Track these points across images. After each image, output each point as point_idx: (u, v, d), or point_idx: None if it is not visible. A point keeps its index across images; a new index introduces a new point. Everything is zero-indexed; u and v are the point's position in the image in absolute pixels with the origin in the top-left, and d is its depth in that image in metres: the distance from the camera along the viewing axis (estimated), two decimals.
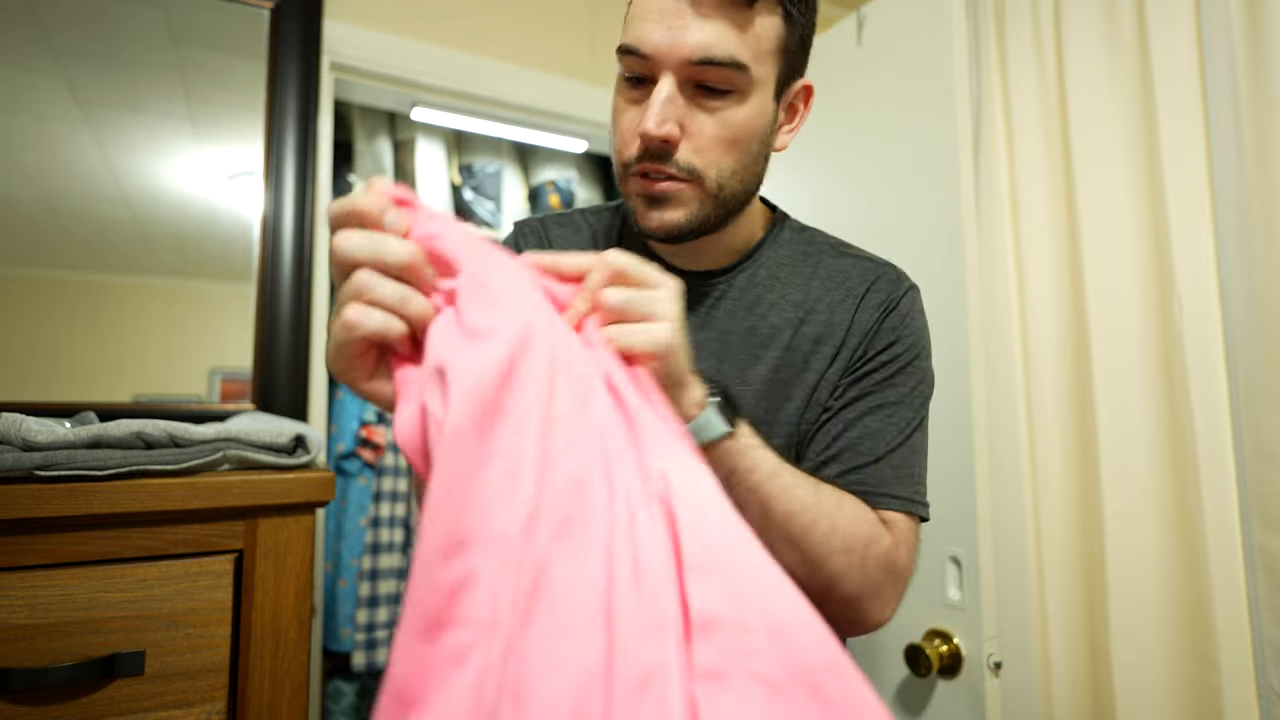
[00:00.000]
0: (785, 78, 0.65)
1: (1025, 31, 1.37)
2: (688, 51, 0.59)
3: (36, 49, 1.16)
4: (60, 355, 1.14)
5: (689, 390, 0.52)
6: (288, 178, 1.31)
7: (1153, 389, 1.18)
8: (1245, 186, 1.07)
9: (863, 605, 0.61)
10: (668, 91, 0.60)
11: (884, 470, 0.65)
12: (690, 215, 0.64)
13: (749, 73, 0.60)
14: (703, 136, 0.62)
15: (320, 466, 0.86)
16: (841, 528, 0.59)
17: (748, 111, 0.62)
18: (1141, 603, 1.15)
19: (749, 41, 0.60)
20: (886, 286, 0.71)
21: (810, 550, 0.57)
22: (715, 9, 0.59)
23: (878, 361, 0.68)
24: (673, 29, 0.59)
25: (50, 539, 0.71)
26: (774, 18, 0.61)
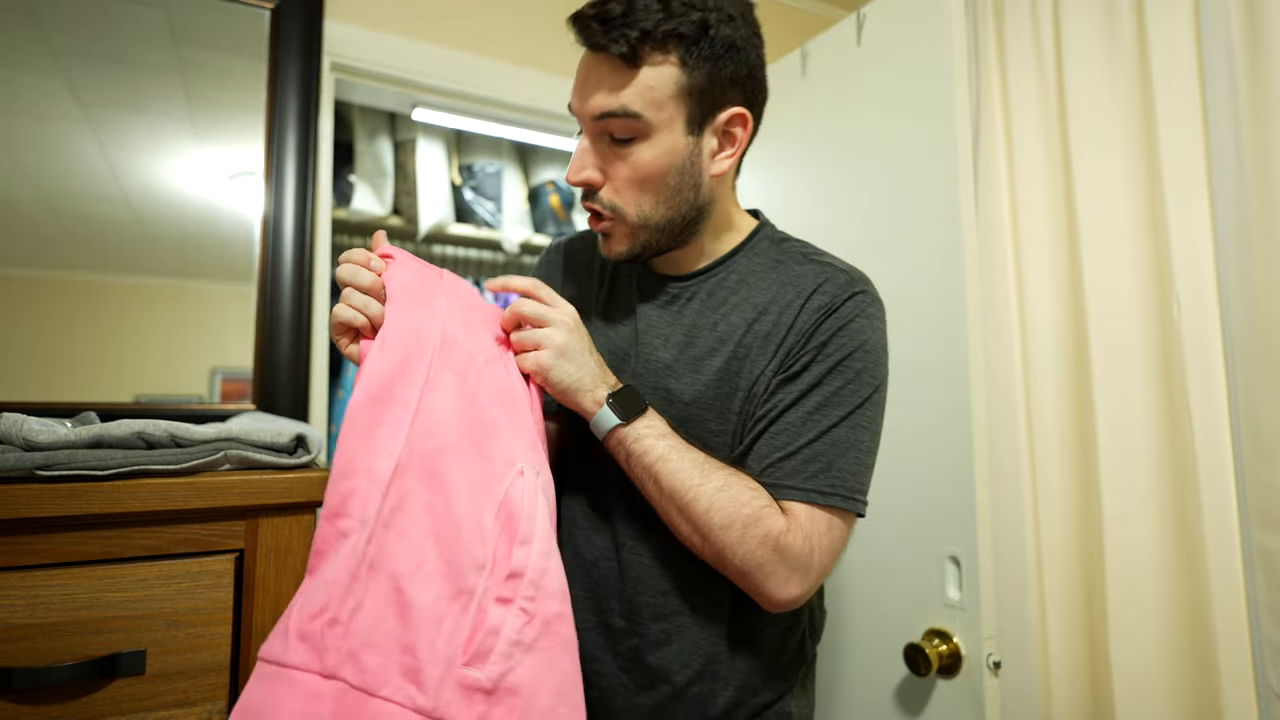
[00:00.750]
0: (699, 114, 0.72)
1: (1024, 31, 1.37)
2: (592, 110, 0.72)
3: (37, 49, 1.16)
4: (61, 355, 1.14)
5: (587, 394, 0.71)
6: (288, 178, 1.31)
7: (1152, 388, 1.18)
8: (1244, 185, 1.07)
9: (754, 579, 0.69)
10: (584, 144, 0.75)
11: (792, 464, 0.71)
12: (628, 247, 0.77)
13: (645, 119, 0.70)
14: (619, 179, 0.74)
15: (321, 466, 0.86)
16: (720, 506, 0.68)
17: (655, 151, 0.72)
18: (1140, 602, 1.15)
19: (641, 93, 0.70)
20: (832, 289, 0.76)
21: (695, 522, 0.69)
22: (608, 72, 0.70)
23: (807, 361, 0.73)
24: (583, 93, 0.73)
25: (51, 539, 0.71)
26: (667, 68, 0.70)
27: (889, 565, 1.17)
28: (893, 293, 1.19)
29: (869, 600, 1.20)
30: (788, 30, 2.03)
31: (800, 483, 0.71)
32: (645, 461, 0.70)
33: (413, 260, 0.75)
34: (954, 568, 1.07)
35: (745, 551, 0.68)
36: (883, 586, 1.18)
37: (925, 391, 1.13)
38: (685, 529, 0.70)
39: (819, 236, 1.35)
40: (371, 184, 1.87)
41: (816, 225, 1.36)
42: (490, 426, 0.67)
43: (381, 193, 1.89)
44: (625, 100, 0.70)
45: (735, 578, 0.70)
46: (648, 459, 0.70)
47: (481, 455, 0.66)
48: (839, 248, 1.30)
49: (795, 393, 0.73)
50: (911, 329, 1.15)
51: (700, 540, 0.70)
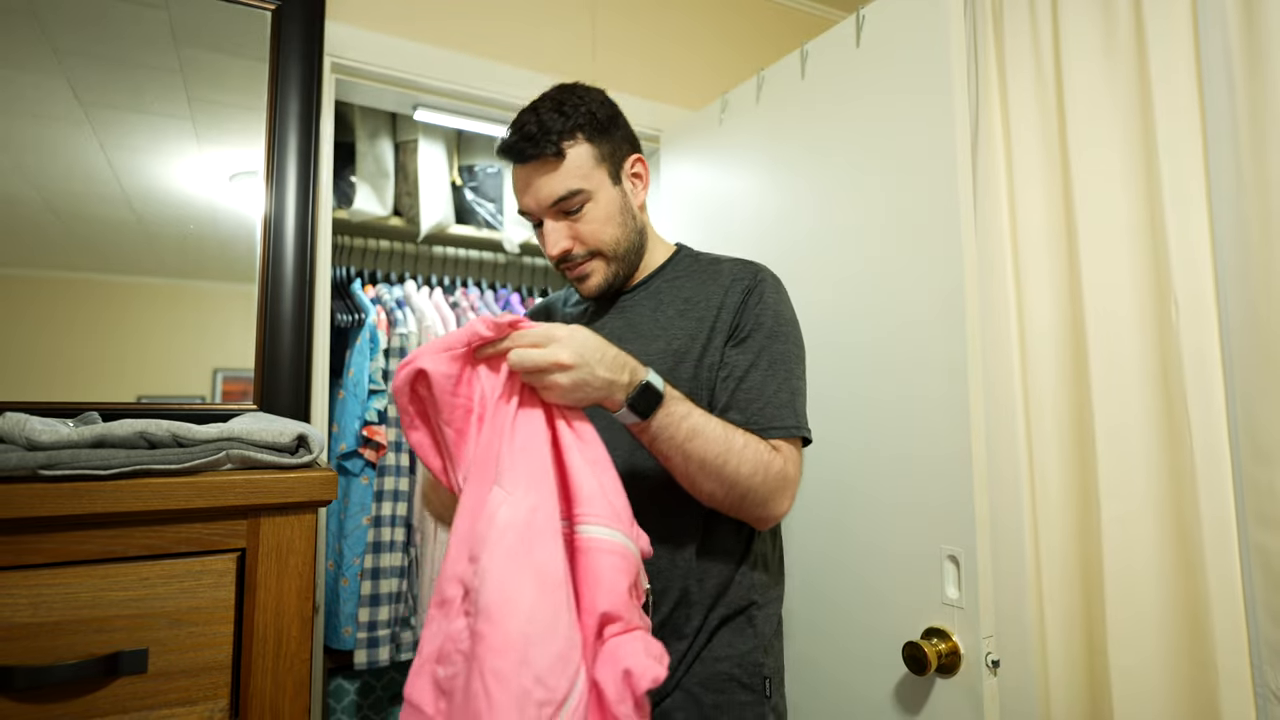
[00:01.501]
0: (615, 170, 1.00)
1: (1023, 32, 1.37)
2: (546, 200, 0.96)
3: (39, 50, 1.16)
4: (63, 355, 1.15)
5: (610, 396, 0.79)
6: (290, 178, 1.32)
7: (1149, 389, 1.18)
8: (1242, 186, 1.07)
9: (768, 507, 0.89)
10: (548, 227, 0.98)
11: (769, 410, 0.92)
12: (604, 277, 1.01)
13: (584, 190, 0.96)
14: (585, 235, 0.98)
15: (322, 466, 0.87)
16: (748, 459, 0.86)
17: (601, 206, 0.98)
18: (1138, 601, 1.15)
19: (572, 173, 0.95)
20: (747, 276, 1.00)
21: (726, 479, 0.85)
22: (545, 171, 0.95)
23: (749, 331, 0.95)
24: (534, 193, 0.97)
25: (54, 538, 0.72)
26: (581, 147, 0.96)
27: (888, 564, 1.17)
28: (892, 292, 1.20)
29: (868, 599, 1.20)
30: (787, 31, 2.04)
31: (779, 423, 0.91)
32: (675, 442, 0.83)
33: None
34: (953, 567, 1.07)
35: (766, 488, 0.87)
36: (882, 585, 1.18)
37: (924, 391, 1.13)
38: (710, 485, 0.86)
39: (818, 237, 1.35)
40: (372, 184, 1.88)
41: (816, 225, 1.36)
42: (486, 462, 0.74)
43: (382, 193, 1.89)
44: (567, 184, 0.95)
45: (750, 508, 0.89)
46: (676, 439, 0.83)
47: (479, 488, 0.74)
48: (838, 248, 1.31)
49: (750, 357, 0.94)
50: (910, 329, 1.16)
51: (724, 490, 0.86)
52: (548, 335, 0.76)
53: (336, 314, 1.69)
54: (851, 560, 1.24)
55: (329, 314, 1.46)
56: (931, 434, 1.12)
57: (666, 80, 1.86)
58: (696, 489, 0.87)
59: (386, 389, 1.69)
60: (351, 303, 1.79)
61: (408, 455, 1.70)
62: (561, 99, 0.97)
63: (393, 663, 1.67)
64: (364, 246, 1.93)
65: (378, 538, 1.65)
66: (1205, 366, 1.11)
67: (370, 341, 1.70)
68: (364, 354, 1.69)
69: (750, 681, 0.94)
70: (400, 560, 1.67)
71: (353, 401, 1.66)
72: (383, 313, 1.76)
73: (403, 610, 1.68)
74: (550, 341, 0.75)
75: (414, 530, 1.72)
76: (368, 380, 1.68)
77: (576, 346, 0.75)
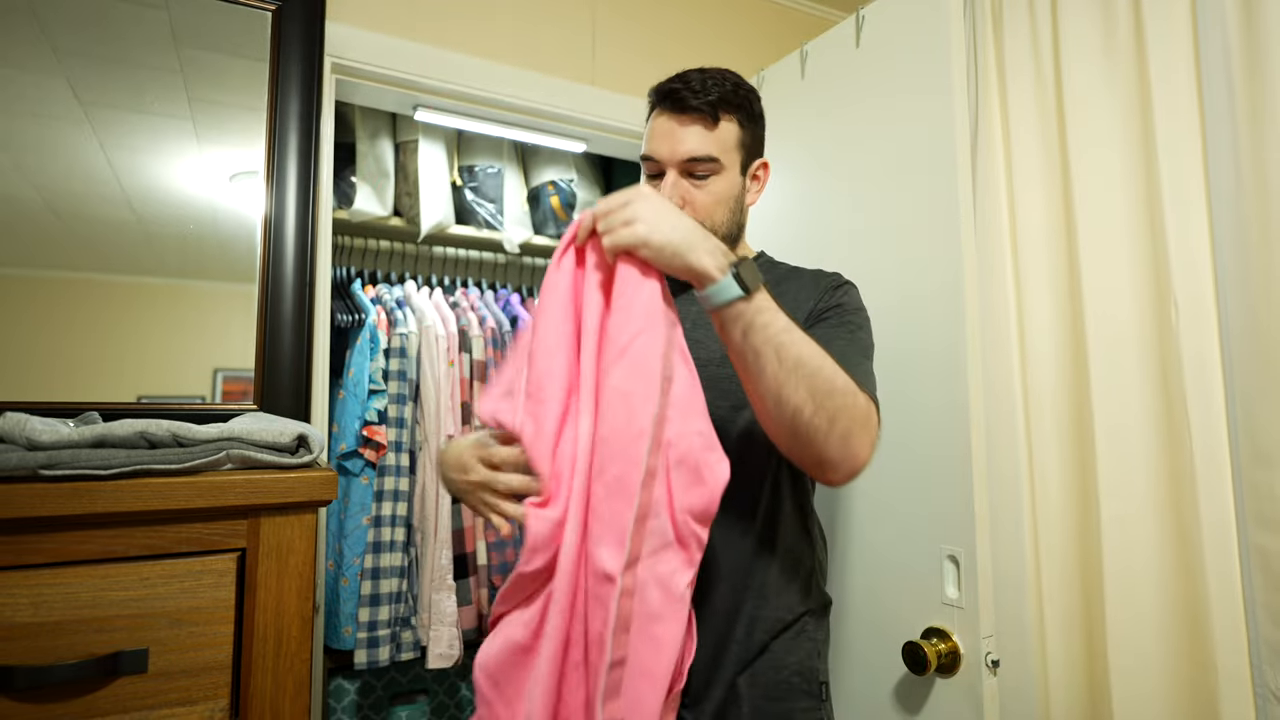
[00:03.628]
0: (747, 161, 1.01)
1: (1023, 33, 1.37)
2: (683, 155, 0.95)
3: (40, 50, 1.17)
4: (63, 355, 1.15)
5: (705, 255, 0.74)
6: (290, 178, 1.32)
7: (1149, 390, 1.18)
8: (1241, 187, 1.07)
9: (852, 443, 0.78)
10: (672, 180, 0.97)
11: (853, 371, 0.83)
12: None
13: (719, 161, 0.96)
14: (698, 204, 0.97)
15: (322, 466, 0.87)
16: (843, 382, 0.77)
17: (724, 184, 0.98)
18: (1138, 601, 1.15)
19: (717, 141, 0.96)
20: (833, 277, 1.02)
21: (820, 387, 0.75)
22: (692, 124, 0.96)
23: (830, 312, 0.96)
24: (672, 142, 0.96)
25: (54, 538, 0.72)
26: (733, 125, 0.97)
27: (888, 564, 1.18)
28: (891, 293, 1.20)
29: (869, 598, 1.21)
30: (787, 31, 2.04)
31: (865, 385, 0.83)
32: (769, 332, 0.75)
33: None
34: (953, 567, 1.07)
35: (854, 416, 0.78)
36: (882, 585, 1.18)
37: (924, 391, 1.13)
38: (801, 394, 0.75)
39: (818, 237, 1.35)
40: (373, 185, 1.88)
41: (815, 225, 1.36)
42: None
43: (383, 193, 1.89)
44: (709, 149, 0.95)
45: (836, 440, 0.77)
46: (771, 329, 0.75)
47: None
48: (838, 248, 1.31)
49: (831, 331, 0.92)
50: (910, 329, 1.16)
51: (815, 404, 0.76)
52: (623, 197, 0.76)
53: (336, 314, 1.69)
54: (852, 560, 1.24)
55: (329, 314, 1.46)
56: (931, 434, 1.12)
57: None
58: (785, 400, 0.76)
59: (386, 389, 1.69)
60: (351, 303, 1.79)
61: (407, 455, 1.70)
62: (729, 76, 0.98)
63: (393, 662, 1.67)
64: (364, 246, 1.93)
65: (378, 538, 1.65)
66: (1205, 367, 1.11)
67: (370, 341, 1.70)
68: (364, 354, 1.69)
69: (810, 688, 0.94)
70: (400, 560, 1.67)
71: (353, 401, 1.66)
72: (383, 313, 1.76)
73: (403, 610, 1.68)
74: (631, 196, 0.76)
75: (414, 530, 1.72)
76: (368, 380, 1.68)
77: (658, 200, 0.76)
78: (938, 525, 1.10)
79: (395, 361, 1.70)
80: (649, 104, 1.02)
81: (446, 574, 1.68)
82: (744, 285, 0.73)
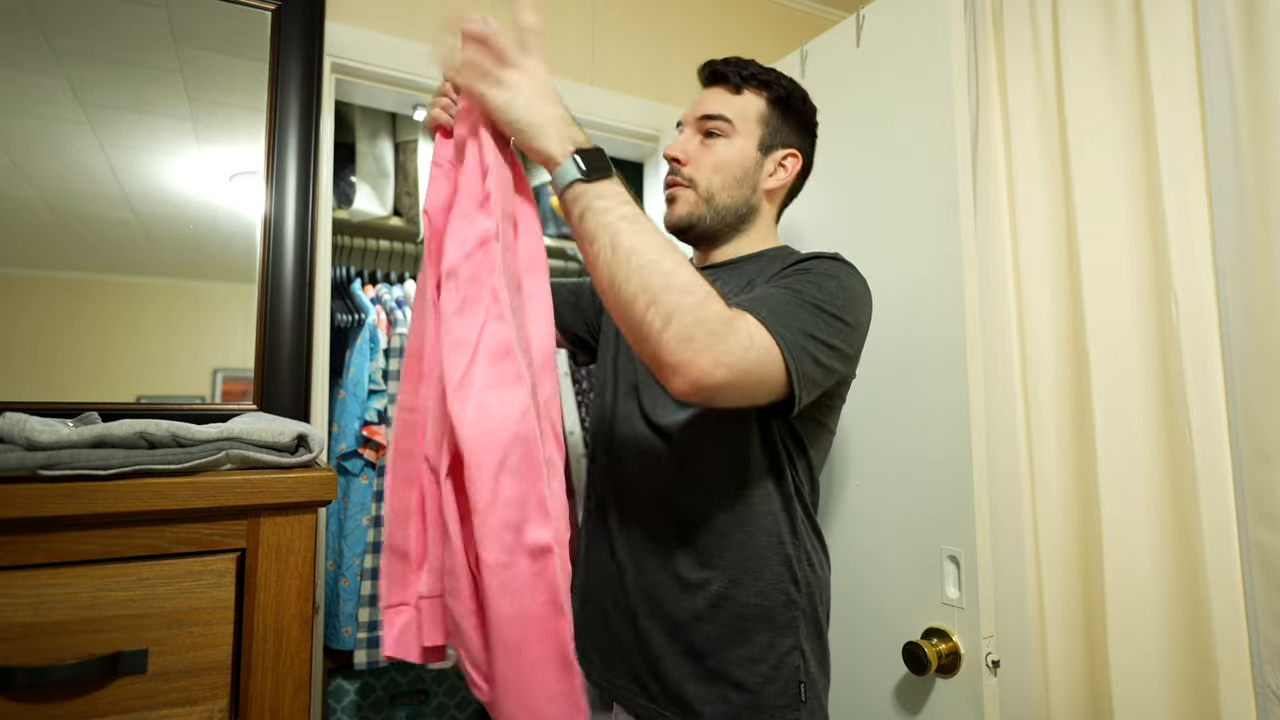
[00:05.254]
0: (769, 140, 1.03)
1: (1023, 32, 1.37)
2: (699, 112, 1.04)
3: (40, 50, 1.16)
4: (63, 355, 1.14)
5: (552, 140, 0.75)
6: (290, 178, 1.31)
7: (1149, 388, 1.18)
8: (1242, 186, 1.07)
9: (693, 345, 0.69)
10: (683, 135, 1.05)
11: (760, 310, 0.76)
12: (686, 212, 1.03)
13: (731, 124, 1.01)
14: (699, 160, 1.02)
15: (322, 466, 0.87)
16: (685, 278, 0.70)
17: (731, 150, 1.01)
18: (1139, 601, 1.15)
19: (734, 106, 1.02)
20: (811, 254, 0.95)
21: (650, 282, 0.69)
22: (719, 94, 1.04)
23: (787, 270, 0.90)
24: (695, 105, 1.06)
25: (54, 538, 0.71)
26: (757, 99, 1.03)
27: (888, 564, 1.17)
28: (891, 293, 1.20)
29: (868, 598, 1.20)
30: (787, 31, 2.04)
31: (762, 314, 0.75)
32: (607, 218, 0.72)
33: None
34: (953, 567, 1.07)
35: (697, 319, 0.69)
36: (882, 585, 1.18)
37: (924, 390, 1.13)
38: (631, 286, 0.70)
39: (817, 237, 1.35)
40: (373, 184, 1.87)
41: (815, 225, 1.36)
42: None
43: (383, 193, 1.89)
44: (724, 110, 1.01)
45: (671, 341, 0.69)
46: (610, 215, 0.72)
47: None
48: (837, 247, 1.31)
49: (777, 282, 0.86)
50: (910, 328, 1.16)
51: (648, 299, 0.69)
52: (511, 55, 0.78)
53: (336, 314, 1.69)
54: (851, 560, 1.24)
55: (329, 314, 1.46)
56: (931, 434, 1.12)
57: (667, 80, 1.86)
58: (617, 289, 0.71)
59: (386, 389, 1.69)
60: (351, 303, 1.78)
61: None
62: (771, 67, 1.05)
63: (393, 663, 1.67)
64: (364, 246, 1.93)
65: (378, 538, 1.65)
66: (1205, 366, 1.11)
67: (370, 341, 1.70)
68: (364, 354, 1.69)
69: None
70: None
71: (353, 401, 1.66)
72: (383, 313, 1.76)
73: None
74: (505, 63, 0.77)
75: None
76: (368, 380, 1.68)
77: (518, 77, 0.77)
78: (938, 525, 1.10)
79: (395, 361, 1.70)
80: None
81: None
82: (586, 169, 0.73)
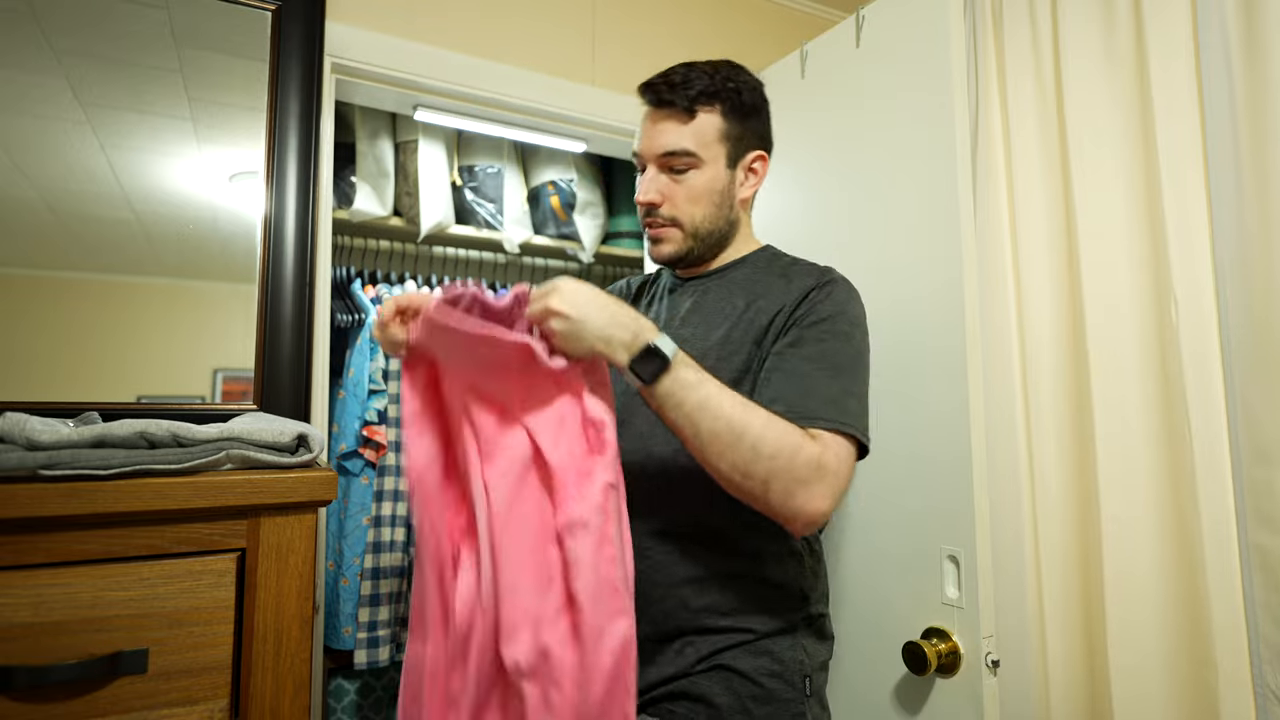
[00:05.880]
0: (734, 153, 0.99)
1: (1023, 33, 1.37)
2: (658, 149, 0.97)
3: (40, 50, 1.16)
4: (63, 355, 1.14)
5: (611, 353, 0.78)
6: (290, 178, 1.32)
7: (1149, 388, 1.18)
8: (1241, 186, 1.07)
9: (796, 498, 0.79)
10: (649, 174, 0.99)
11: (813, 401, 0.85)
12: (675, 249, 1.00)
13: (696, 156, 0.96)
14: (676, 198, 0.98)
15: (322, 466, 0.87)
16: (770, 438, 0.78)
17: (703, 179, 0.97)
18: (1138, 601, 1.15)
19: (693, 135, 0.95)
20: (815, 275, 0.97)
21: (741, 458, 0.78)
22: (669, 119, 0.96)
23: (801, 325, 0.91)
24: (650, 138, 0.98)
25: (54, 538, 0.72)
26: (713, 117, 0.96)
27: (888, 564, 1.17)
28: (891, 292, 1.20)
29: (869, 598, 1.20)
30: (787, 31, 2.04)
31: (823, 415, 0.83)
32: (682, 411, 0.79)
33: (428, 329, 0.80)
34: (953, 567, 1.07)
35: (792, 474, 0.78)
36: (882, 585, 1.18)
37: (924, 391, 1.13)
38: (725, 464, 0.79)
39: (818, 237, 1.35)
40: (373, 185, 1.88)
41: (815, 225, 1.36)
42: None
43: (383, 193, 1.89)
44: (684, 143, 0.95)
45: (777, 498, 0.79)
46: (684, 408, 0.79)
47: None
48: (837, 248, 1.31)
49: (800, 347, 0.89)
50: (910, 328, 1.16)
51: (741, 472, 0.79)
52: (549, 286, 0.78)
53: (336, 314, 1.69)
54: (851, 560, 1.24)
55: (329, 314, 1.46)
56: (931, 434, 1.12)
57: None
58: (714, 469, 0.81)
59: (386, 389, 1.69)
60: (351, 303, 1.79)
61: None
62: (718, 67, 0.97)
63: (393, 663, 1.67)
64: (364, 246, 1.93)
65: (378, 538, 1.65)
66: (1205, 366, 1.11)
67: (370, 342, 1.70)
68: (364, 354, 1.69)
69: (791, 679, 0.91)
70: (400, 560, 1.67)
71: (353, 401, 1.66)
72: None
73: (403, 610, 1.68)
74: (550, 291, 0.77)
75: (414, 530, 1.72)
76: (368, 380, 1.68)
77: (569, 295, 0.77)
78: (938, 525, 1.10)
79: (395, 361, 1.70)
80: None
81: None
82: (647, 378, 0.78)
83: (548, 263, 2.19)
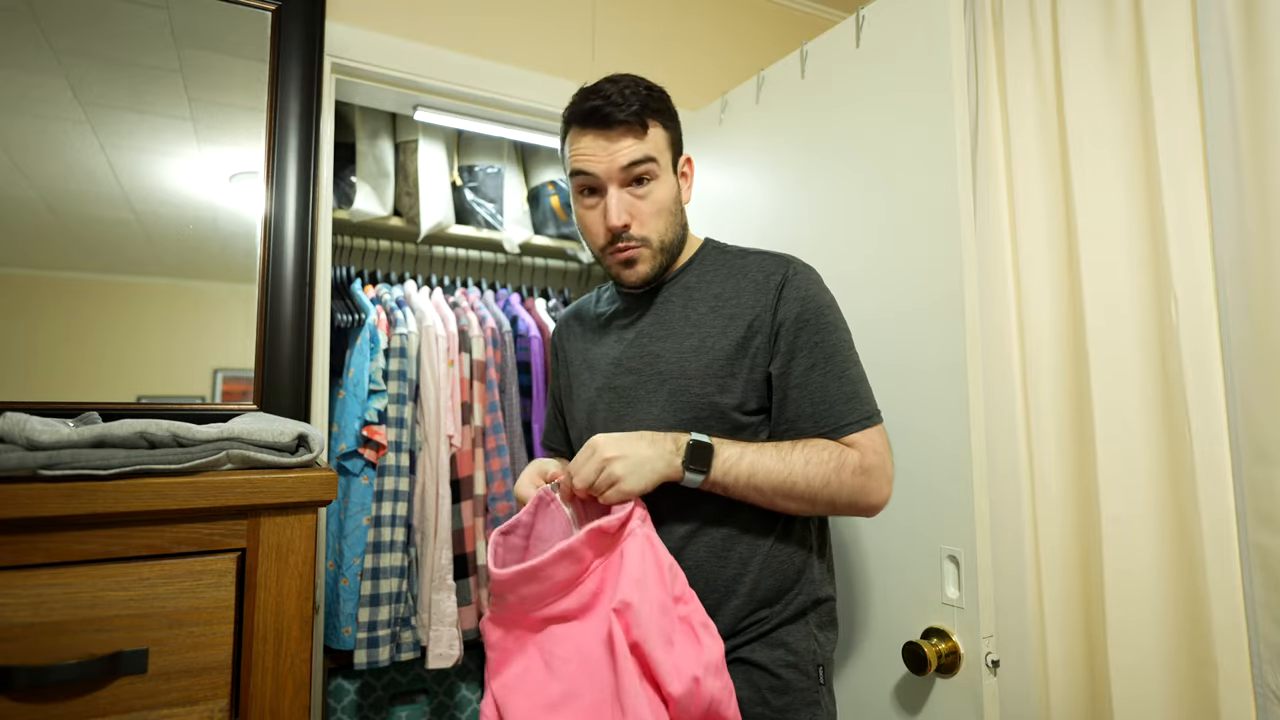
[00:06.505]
0: (674, 161, 1.03)
1: (1023, 33, 1.37)
2: (623, 161, 0.96)
3: (40, 50, 1.17)
4: (63, 355, 1.15)
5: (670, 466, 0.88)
6: (290, 178, 1.32)
7: (1149, 388, 1.18)
8: (1241, 186, 1.07)
9: (860, 502, 0.92)
10: (613, 196, 0.97)
11: (837, 409, 0.94)
12: (651, 267, 1.01)
13: (657, 162, 0.98)
14: (644, 215, 0.99)
15: (322, 466, 0.87)
16: (815, 474, 0.90)
17: (663, 189, 0.99)
18: (1138, 601, 1.15)
19: (650, 144, 0.98)
20: (778, 270, 0.99)
21: (804, 497, 0.90)
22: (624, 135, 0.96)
23: (795, 330, 0.96)
24: (609, 156, 0.96)
25: (54, 538, 0.72)
26: (659, 129, 0.99)
27: (888, 564, 1.17)
28: (891, 293, 1.20)
29: (869, 598, 1.20)
30: (787, 31, 2.04)
31: (849, 419, 0.93)
32: (740, 488, 0.90)
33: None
34: (953, 567, 1.07)
35: (848, 489, 0.91)
36: (882, 585, 1.18)
37: (924, 391, 1.13)
38: (793, 506, 0.92)
39: (818, 237, 1.35)
40: (373, 185, 1.88)
41: (815, 225, 1.36)
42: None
43: (383, 193, 1.89)
44: (647, 150, 0.97)
45: (845, 508, 0.93)
46: (740, 486, 0.90)
47: None
48: (837, 248, 1.31)
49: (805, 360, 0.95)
50: (910, 329, 1.16)
51: (809, 506, 0.92)
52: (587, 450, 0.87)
53: (336, 314, 1.69)
54: (852, 560, 1.24)
55: (329, 314, 1.46)
56: (931, 434, 1.12)
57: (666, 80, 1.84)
58: (789, 511, 0.93)
59: (386, 389, 1.69)
60: (351, 303, 1.79)
61: (408, 455, 1.70)
62: (641, 81, 1.00)
63: (393, 663, 1.67)
64: (364, 246, 1.93)
65: (378, 538, 1.65)
66: (1205, 365, 1.11)
67: (370, 341, 1.70)
68: (364, 354, 1.69)
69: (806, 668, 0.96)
70: (400, 560, 1.67)
71: (353, 401, 1.66)
72: (383, 313, 1.76)
73: (403, 610, 1.68)
74: (592, 451, 0.86)
75: (414, 530, 1.72)
76: (368, 380, 1.68)
77: (611, 444, 0.86)
78: (938, 525, 1.10)
79: (395, 361, 1.70)
80: (563, 126, 1.02)
81: (446, 574, 1.68)
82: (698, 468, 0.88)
83: (547, 263, 2.19)
